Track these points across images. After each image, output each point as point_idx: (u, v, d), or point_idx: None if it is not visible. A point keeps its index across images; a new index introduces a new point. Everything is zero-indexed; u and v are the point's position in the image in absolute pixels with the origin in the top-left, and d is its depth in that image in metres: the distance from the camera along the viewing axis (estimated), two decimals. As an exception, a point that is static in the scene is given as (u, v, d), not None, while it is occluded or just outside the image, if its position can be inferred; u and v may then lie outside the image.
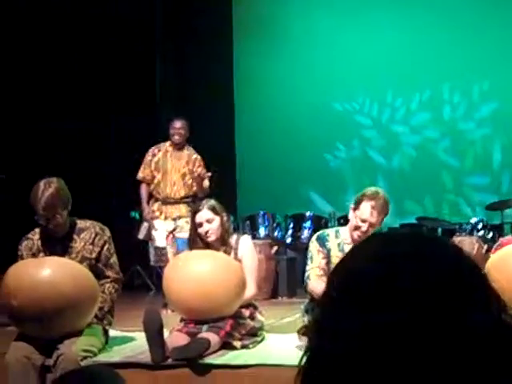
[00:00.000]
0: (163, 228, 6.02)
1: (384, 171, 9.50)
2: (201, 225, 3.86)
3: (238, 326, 3.67)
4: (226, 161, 8.27)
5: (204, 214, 3.87)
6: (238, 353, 3.55)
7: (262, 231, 7.57)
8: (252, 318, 3.86)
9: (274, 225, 7.68)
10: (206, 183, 6.00)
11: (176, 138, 6.09)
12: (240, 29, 9.79)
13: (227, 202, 5.75)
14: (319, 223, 7.47)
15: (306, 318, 4.02)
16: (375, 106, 9.60)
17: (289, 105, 9.60)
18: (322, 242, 3.91)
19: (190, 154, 6.15)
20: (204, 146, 6.57)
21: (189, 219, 5.87)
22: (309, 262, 3.92)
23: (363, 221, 3.79)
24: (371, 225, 3.75)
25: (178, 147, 6.13)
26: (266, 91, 9.74)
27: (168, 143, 6.18)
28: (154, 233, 6.19)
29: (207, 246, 3.88)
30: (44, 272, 3.28)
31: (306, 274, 3.90)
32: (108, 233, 3.78)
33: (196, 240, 3.90)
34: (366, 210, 3.77)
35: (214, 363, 3.34)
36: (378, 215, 3.75)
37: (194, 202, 5.96)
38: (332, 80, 9.54)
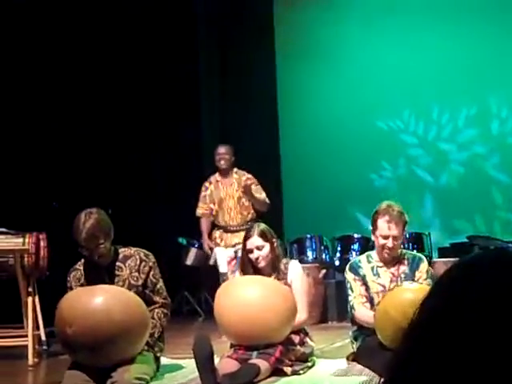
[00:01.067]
0: (224, 255, 6.18)
1: (432, 189, 9.42)
2: (251, 251, 3.90)
3: (288, 352, 3.69)
4: (271, 183, 8.32)
5: (254, 241, 3.90)
6: (289, 379, 3.57)
7: (309, 254, 7.57)
8: (302, 343, 3.88)
9: (322, 247, 7.67)
10: (260, 195, 6.09)
11: (222, 162, 6.22)
12: (282, 47, 9.87)
13: (274, 225, 5.81)
14: (367, 245, 7.42)
15: (355, 345, 4.03)
16: (421, 123, 9.56)
17: (333, 124, 9.62)
18: (355, 270, 3.96)
19: (239, 177, 6.26)
20: (249, 169, 6.64)
21: None
22: (349, 292, 3.97)
23: (385, 237, 3.85)
24: (394, 238, 3.83)
25: (226, 174, 6.25)
26: (309, 111, 9.79)
27: (217, 174, 6.34)
28: (217, 259, 6.30)
29: (258, 271, 3.92)
30: (96, 300, 3.37)
31: (350, 304, 3.96)
32: (153, 258, 3.84)
33: (247, 266, 3.94)
34: (384, 226, 3.84)
35: (266, 390, 3.36)
36: (396, 226, 3.81)
37: None
38: (376, 98, 9.53)
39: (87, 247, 3.62)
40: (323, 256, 7.65)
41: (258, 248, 3.89)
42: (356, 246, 7.54)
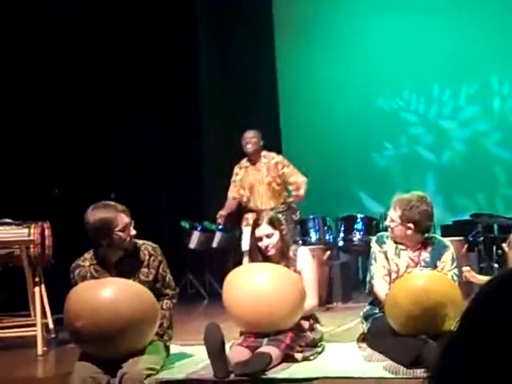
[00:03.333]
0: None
1: (434, 168, 9.39)
2: (260, 239, 3.89)
3: (299, 338, 3.68)
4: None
5: (263, 229, 3.89)
6: (300, 365, 3.56)
7: (313, 236, 7.56)
8: (312, 329, 3.87)
9: (325, 228, 7.65)
10: (302, 192, 6.01)
11: (249, 146, 6.14)
12: (281, 28, 9.80)
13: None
14: (371, 225, 7.42)
15: (365, 325, 4.02)
16: (422, 101, 9.50)
17: (333, 104, 9.57)
18: (379, 243, 3.98)
19: (268, 161, 6.18)
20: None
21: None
22: (373, 261, 3.96)
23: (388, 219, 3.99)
24: (391, 219, 3.92)
25: (254, 159, 6.17)
26: (310, 91, 9.73)
27: (246, 159, 6.28)
28: (243, 238, 6.24)
29: (267, 259, 3.91)
30: (105, 293, 3.34)
31: (371, 274, 3.93)
32: (159, 251, 3.81)
33: (256, 253, 3.94)
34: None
35: (277, 377, 3.35)
36: (393, 210, 3.86)
37: (287, 209, 6.06)
38: (376, 77, 9.47)
39: (124, 232, 3.58)
40: (327, 237, 7.63)
41: (268, 236, 3.89)
42: (360, 226, 7.51)
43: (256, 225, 3.94)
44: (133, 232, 3.68)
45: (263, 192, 6.12)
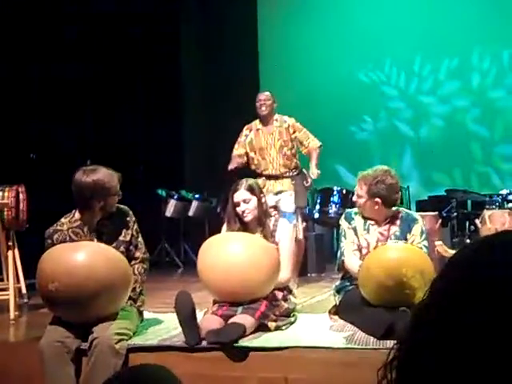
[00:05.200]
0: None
1: (412, 143, 9.44)
2: (238, 204, 3.93)
3: (273, 307, 3.71)
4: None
5: (241, 194, 3.92)
6: (272, 335, 3.58)
7: (289, 207, 7.56)
8: (285, 299, 3.90)
9: (302, 200, 7.66)
10: (313, 144, 6.06)
11: (263, 109, 6.00)
12: (264, 1, 9.71)
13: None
14: (347, 198, 7.42)
15: (337, 298, 4.06)
16: (402, 75, 9.51)
17: (312, 76, 9.54)
18: (348, 220, 4.02)
19: (280, 124, 6.07)
20: (225, 119, 6.60)
21: (292, 192, 5.95)
22: (342, 238, 4.00)
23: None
24: (358, 196, 3.97)
25: (267, 121, 6.03)
26: (288, 62, 9.69)
27: (257, 121, 6.11)
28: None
29: (244, 225, 3.94)
30: (79, 256, 3.33)
31: (341, 251, 3.97)
32: (131, 213, 3.84)
33: (233, 220, 3.96)
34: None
35: (249, 346, 3.37)
36: (358, 185, 3.95)
37: (298, 174, 6.01)
38: (357, 49, 9.45)
39: (118, 194, 3.64)
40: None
41: (245, 201, 3.93)
42: (336, 199, 7.52)
43: (234, 190, 3.97)
44: (120, 196, 3.70)
45: (274, 156, 5.99)
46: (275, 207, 5.87)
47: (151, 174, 8.71)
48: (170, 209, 8.16)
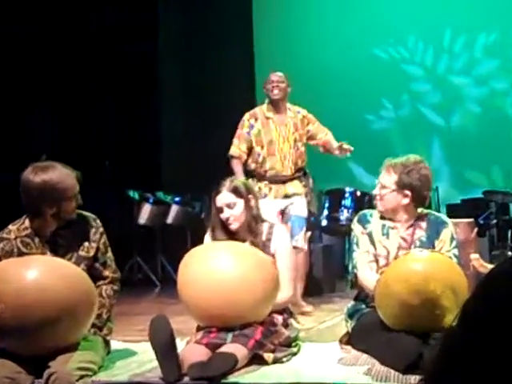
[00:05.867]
0: (272, 208, 5.68)
1: (441, 133, 9.45)
2: (221, 210, 3.91)
3: (270, 334, 3.69)
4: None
5: (224, 197, 3.91)
6: (270, 369, 3.56)
7: (291, 212, 7.57)
8: (286, 325, 3.89)
9: (306, 204, 7.67)
10: (329, 135, 6.15)
11: (276, 92, 5.92)
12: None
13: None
14: (361, 201, 7.42)
15: (349, 323, 4.05)
16: (429, 51, 9.52)
17: (319, 53, 9.54)
18: (363, 223, 4.03)
19: (294, 115, 6.04)
20: (212, 110, 6.60)
21: (304, 196, 5.96)
22: (355, 247, 4.00)
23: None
24: (382, 186, 3.96)
25: (279, 109, 5.97)
26: (289, 38, 9.69)
27: (265, 107, 6.00)
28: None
29: (231, 234, 3.93)
30: (30, 274, 3.30)
31: (353, 263, 3.98)
32: (100, 223, 3.82)
33: (217, 228, 3.95)
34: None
35: (241, 382, 3.36)
36: (385, 172, 3.98)
37: (305, 174, 6.02)
38: (374, 20, 9.45)
39: (76, 198, 3.61)
40: (308, 214, 7.66)
41: (229, 206, 3.92)
42: (348, 202, 7.53)
43: (216, 193, 3.95)
44: (80, 201, 3.67)
45: (287, 152, 5.92)
46: (283, 212, 5.85)
47: (121, 172, 8.70)
48: (144, 215, 8.16)
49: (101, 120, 9.16)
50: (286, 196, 5.88)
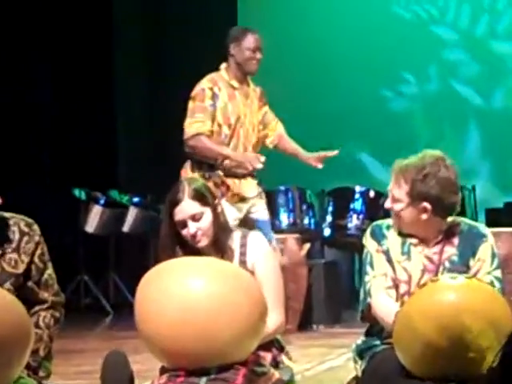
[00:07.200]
0: (231, 215, 5.45)
1: (480, 117, 9.50)
2: (183, 224, 3.85)
3: (256, 377, 3.70)
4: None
5: (186, 208, 3.83)
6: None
7: (283, 218, 7.60)
8: (276, 364, 3.90)
9: (304, 207, 7.69)
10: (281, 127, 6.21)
11: (254, 63, 5.95)
12: None
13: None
14: (376, 204, 7.46)
15: (359, 365, 4.07)
16: (465, 10, 9.58)
17: (321, 11, 9.58)
18: (377, 238, 3.99)
19: (253, 88, 6.10)
20: (178, 87, 6.59)
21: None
22: (368, 268, 3.98)
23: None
24: (394, 199, 3.85)
25: (244, 79, 6.00)
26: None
27: (224, 73, 5.97)
28: None
29: (194, 254, 3.90)
30: None
31: (366, 288, 3.96)
32: (37, 230, 3.80)
33: (173, 248, 3.91)
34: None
35: None
36: (395, 181, 3.83)
37: (255, 176, 5.97)
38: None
39: None
40: (305, 221, 7.68)
41: (194, 217, 3.86)
42: (358, 206, 7.57)
43: (174, 201, 3.89)
44: None
45: (251, 135, 5.99)
46: (244, 221, 5.83)
47: (63, 164, 8.71)
48: (94, 220, 8.16)
49: (36, 97, 9.13)
50: (243, 199, 5.88)
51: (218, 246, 3.91)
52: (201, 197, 3.86)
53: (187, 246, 3.89)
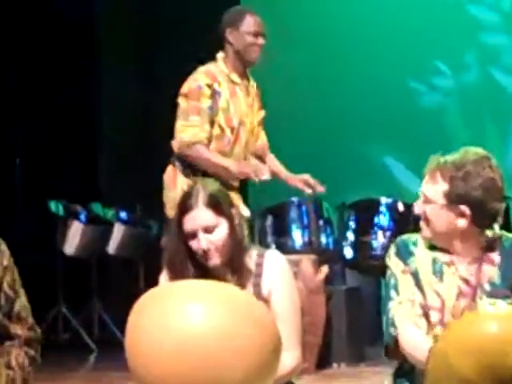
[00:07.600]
0: None
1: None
2: (193, 236, 3.86)
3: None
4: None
5: (199, 217, 3.82)
6: None
7: (296, 237, 7.62)
8: (293, 410, 3.96)
9: (320, 223, 7.72)
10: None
11: (255, 50, 5.98)
12: None
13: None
14: (406, 218, 7.47)
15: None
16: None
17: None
18: (402, 256, 3.96)
19: (254, 85, 6.20)
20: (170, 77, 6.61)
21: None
22: (392, 293, 3.96)
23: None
24: (425, 199, 3.86)
25: (244, 71, 6.08)
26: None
27: (222, 64, 6.02)
28: None
29: (204, 274, 3.91)
30: None
31: (390, 317, 3.95)
32: (7, 252, 3.81)
33: (184, 264, 3.92)
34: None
35: None
36: (430, 179, 3.83)
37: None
38: None
39: None
40: (322, 239, 7.71)
41: (207, 229, 3.84)
42: (385, 221, 7.56)
43: (184, 208, 3.89)
44: None
45: (249, 139, 6.09)
46: None
47: (38, 174, 8.76)
48: (74, 240, 8.18)
49: (7, 94, 9.19)
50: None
51: (233, 266, 3.92)
52: (216, 204, 3.84)
53: (198, 262, 3.91)
